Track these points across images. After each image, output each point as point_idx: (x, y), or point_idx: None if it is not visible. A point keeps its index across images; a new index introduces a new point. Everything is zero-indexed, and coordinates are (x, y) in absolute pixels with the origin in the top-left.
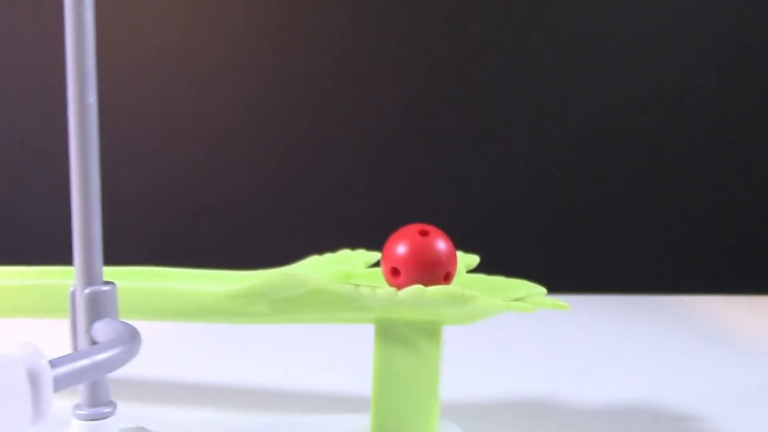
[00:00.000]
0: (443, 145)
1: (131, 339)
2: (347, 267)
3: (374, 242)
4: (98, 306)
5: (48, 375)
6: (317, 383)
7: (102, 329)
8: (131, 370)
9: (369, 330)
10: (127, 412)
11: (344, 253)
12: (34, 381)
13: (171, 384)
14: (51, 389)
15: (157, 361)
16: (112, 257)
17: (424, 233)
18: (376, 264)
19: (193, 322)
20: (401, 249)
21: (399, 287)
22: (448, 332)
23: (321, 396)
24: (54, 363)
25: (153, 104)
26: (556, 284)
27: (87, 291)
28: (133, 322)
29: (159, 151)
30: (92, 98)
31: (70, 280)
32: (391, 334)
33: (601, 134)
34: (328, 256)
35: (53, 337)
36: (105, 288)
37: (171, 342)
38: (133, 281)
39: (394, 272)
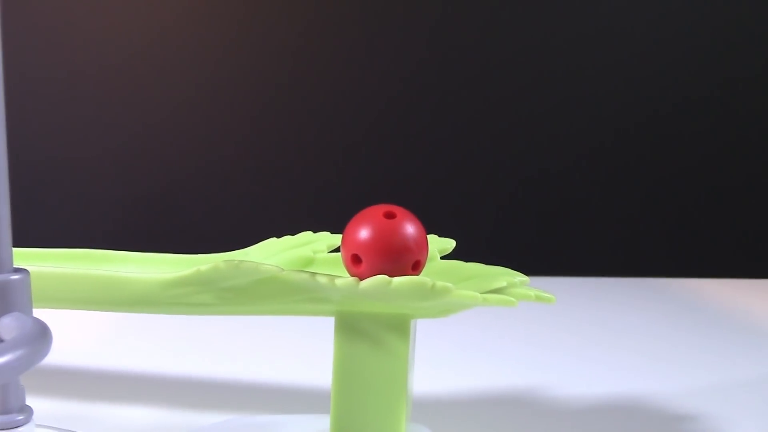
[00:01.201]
0: (414, 120)
1: (39, 338)
2: (307, 251)
3: (339, 224)
4: (6, 298)
5: None
6: (275, 380)
7: (9, 326)
8: (59, 367)
9: (332, 322)
10: (50, 417)
11: (305, 236)
12: None
13: (110, 382)
14: None
15: (94, 356)
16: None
17: (389, 215)
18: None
19: (130, 312)
20: (363, 233)
21: (361, 277)
22: (421, 320)
23: (279, 394)
24: None
25: (123, 87)
26: (541, 268)
27: None
28: (63, 313)
29: (120, 130)
30: None
31: None
32: (353, 328)
33: (587, 110)
34: (286, 239)
35: None
36: (15, 276)
37: (108, 335)
38: (62, 266)
39: (355, 260)
